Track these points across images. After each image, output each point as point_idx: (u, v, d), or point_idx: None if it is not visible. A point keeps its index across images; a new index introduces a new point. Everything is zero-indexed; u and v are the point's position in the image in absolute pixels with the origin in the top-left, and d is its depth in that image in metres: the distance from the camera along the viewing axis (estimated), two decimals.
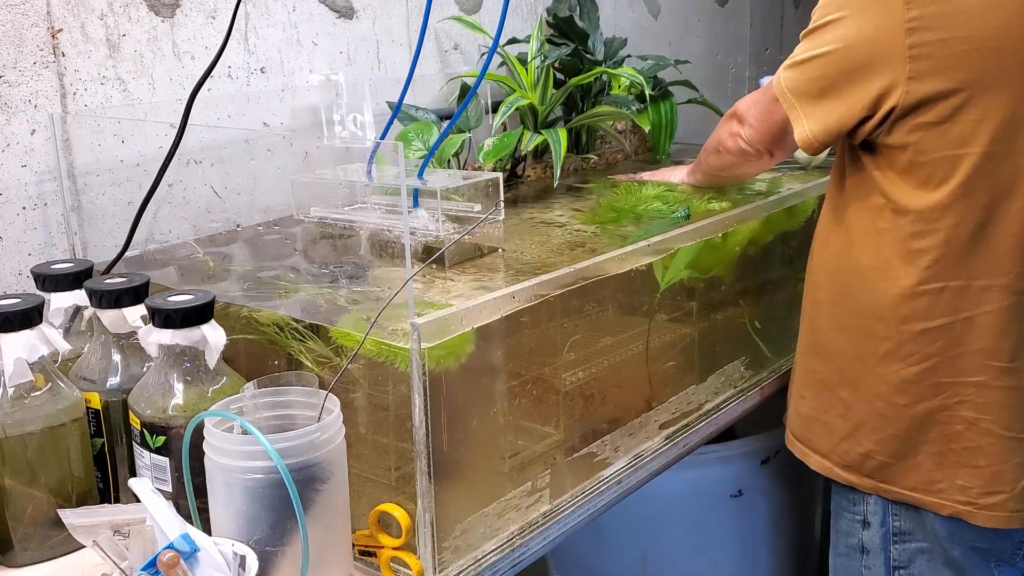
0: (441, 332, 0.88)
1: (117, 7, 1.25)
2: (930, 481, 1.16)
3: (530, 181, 1.64)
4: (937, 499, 1.16)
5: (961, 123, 1.06)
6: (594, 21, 1.85)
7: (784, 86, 1.14)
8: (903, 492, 1.18)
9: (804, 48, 1.13)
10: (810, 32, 1.13)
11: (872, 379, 1.17)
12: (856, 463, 1.20)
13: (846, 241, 1.19)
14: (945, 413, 1.14)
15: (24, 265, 1.19)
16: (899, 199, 1.11)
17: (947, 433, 1.14)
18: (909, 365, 1.14)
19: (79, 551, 0.93)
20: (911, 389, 1.14)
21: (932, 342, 1.12)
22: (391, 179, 1.23)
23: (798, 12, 2.92)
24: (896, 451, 1.17)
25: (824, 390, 1.23)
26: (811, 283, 1.28)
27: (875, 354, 1.16)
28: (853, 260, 1.18)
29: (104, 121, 1.25)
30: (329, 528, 0.88)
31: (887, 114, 1.08)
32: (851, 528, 1.25)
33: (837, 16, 1.09)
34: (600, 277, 1.08)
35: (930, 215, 1.09)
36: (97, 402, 0.98)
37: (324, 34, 1.50)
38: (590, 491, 1.11)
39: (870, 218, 1.15)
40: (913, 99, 1.06)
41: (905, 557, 1.20)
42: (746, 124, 1.24)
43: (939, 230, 1.09)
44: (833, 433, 1.23)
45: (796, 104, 1.13)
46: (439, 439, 0.90)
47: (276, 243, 1.33)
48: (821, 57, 1.10)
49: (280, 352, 1.00)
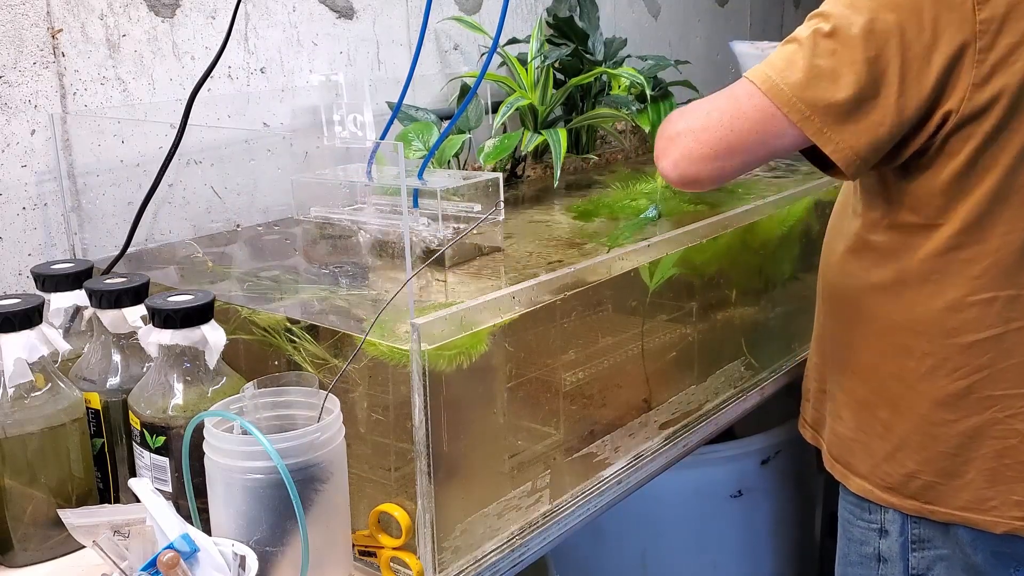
0: (441, 332, 0.88)
1: (117, 7, 1.25)
2: (982, 499, 1.11)
3: (530, 181, 1.64)
4: (990, 517, 1.11)
5: (1015, 130, 1.01)
6: (594, 21, 1.85)
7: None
8: (952, 513, 1.12)
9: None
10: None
11: (913, 397, 1.12)
12: (898, 485, 1.15)
13: (871, 260, 1.14)
14: (997, 427, 1.09)
15: (24, 265, 1.19)
16: (938, 211, 1.06)
17: (1000, 448, 1.09)
18: (956, 380, 1.09)
19: (79, 551, 0.93)
20: (959, 404, 1.09)
21: (982, 354, 1.08)
22: (391, 179, 1.23)
23: (798, 12, 2.92)
24: (943, 470, 1.12)
25: (861, 410, 1.18)
26: (830, 304, 1.23)
27: (915, 372, 1.11)
28: (882, 278, 1.12)
29: (104, 121, 1.25)
30: (329, 528, 0.88)
31: (940, 123, 1.02)
32: (866, 537, 1.21)
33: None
34: (595, 282, 1.08)
35: (979, 224, 1.05)
36: (97, 402, 0.98)
37: (324, 34, 1.50)
38: (590, 491, 1.10)
39: (899, 235, 1.10)
40: (973, 107, 1.00)
41: (924, 564, 1.16)
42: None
43: (990, 239, 1.05)
44: (873, 454, 1.17)
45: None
46: (439, 439, 0.90)
47: (276, 243, 1.33)
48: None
49: (280, 352, 1.00)
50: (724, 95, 1.06)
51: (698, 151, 1.04)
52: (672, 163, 1.05)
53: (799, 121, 1.01)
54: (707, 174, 1.05)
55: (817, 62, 1.00)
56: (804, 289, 1.46)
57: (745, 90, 1.04)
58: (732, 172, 1.06)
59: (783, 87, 1.01)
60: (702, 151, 1.04)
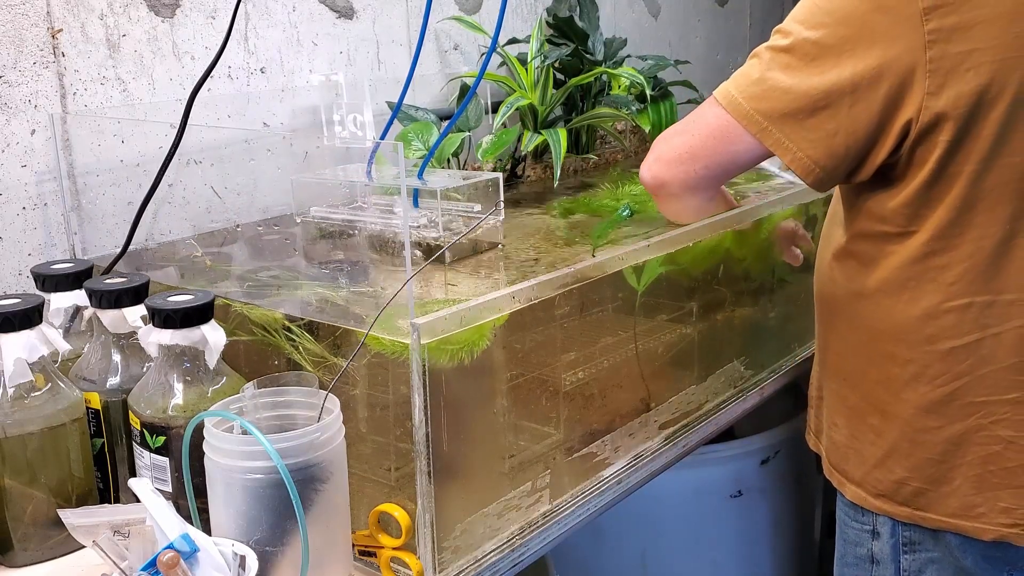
0: (441, 332, 0.88)
1: (117, 7, 1.25)
2: (970, 506, 1.11)
3: (530, 181, 1.64)
4: (979, 524, 1.11)
5: (981, 137, 1.02)
6: (594, 21, 1.85)
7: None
8: (942, 519, 1.13)
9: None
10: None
11: (898, 404, 1.13)
12: (890, 491, 1.16)
13: (853, 268, 1.15)
14: (981, 434, 1.09)
15: (24, 265, 1.19)
16: (909, 219, 1.07)
17: (985, 454, 1.09)
18: (937, 386, 1.09)
19: (79, 551, 0.93)
20: (942, 411, 1.10)
21: (960, 361, 1.08)
22: (391, 179, 1.23)
23: None
24: (931, 476, 1.12)
25: (854, 417, 1.19)
26: (821, 310, 1.25)
27: (899, 378, 1.12)
28: (863, 286, 1.13)
29: (104, 121, 1.25)
30: (329, 528, 0.88)
31: (903, 134, 1.04)
32: (860, 538, 1.21)
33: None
34: (591, 279, 1.08)
35: (950, 231, 1.06)
36: (97, 402, 0.98)
37: (324, 34, 1.50)
38: (590, 491, 1.11)
39: (875, 243, 1.11)
40: (931, 116, 1.02)
41: (916, 567, 1.17)
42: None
43: (961, 245, 1.06)
44: (865, 461, 1.18)
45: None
46: (439, 439, 0.90)
47: (276, 243, 1.33)
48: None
49: (280, 351, 1.00)
50: (696, 111, 1.14)
51: (666, 154, 1.12)
52: (646, 166, 1.14)
53: (757, 133, 1.06)
54: (672, 175, 1.12)
55: (772, 75, 1.06)
56: (801, 289, 1.46)
57: (710, 104, 1.11)
58: (697, 178, 1.11)
59: (740, 100, 1.07)
60: (669, 155, 1.12)
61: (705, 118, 1.10)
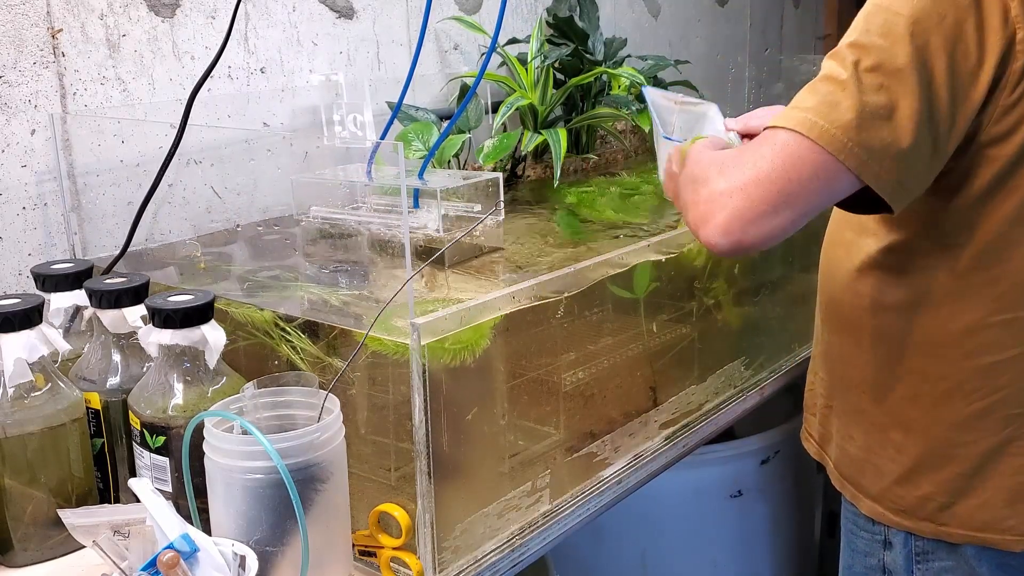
0: (441, 332, 0.88)
1: (117, 7, 1.25)
2: (1000, 518, 1.08)
3: (530, 181, 1.64)
4: (1009, 536, 1.08)
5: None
6: (594, 21, 1.85)
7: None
8: (968, 534, 1.10)
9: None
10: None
11: (928, 420, 1.09)
12: (912, 508, 1.12)
13: (885, 280, 1.10)
14: (1015, 444, 1.07)
15: (24, 265, 1.19)
16: (958, 231, 1.03)
17: (1018, 465, 1.07)
18: (973, 401, 1.06)
19: (79, 551, 0.93)
20: (977, 425, 1.07)
21: (1000, 375, 1.05)
22: (391, 179, 1.23)
23: (798, 12, 2.92)
24: (959, 490, 1.09)
25: (873, 431, 1.15)
26: (836, 321, 1.19)
27: (929, 395, 1.08)
28: (895, 298, 1.09)
29: (104, 121, 1.25)
30: (329, 528, 0.88)
31: (966, 146, 0.97)
32: (871, 548, 1.18)
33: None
34: (590, 282, 1.09)
35: (999, 246, 1.02)
36: (97, 402, 0.98)
37: (324, 34, 1.50)
38: (590, 491, 1.11)
39: (914, 255, 1.07)
40: (1001, 130, 0.97)
41: None
42: None
43: (1010, 260, 1.02)
44: (884, 476, 1.14)
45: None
46: (439, 439, 0.90)
47: (276, 243, 1.33)
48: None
49: (279, 352, 1.00)
50: (763, 145, 0.94)
51: (753, 209, 0.91)
52: (721, 229, 0.92)
53: (856, 167, 0.91)
54: (766, 233, 0.92)
55: (867, 99, 0.91)
56: (799, 290, 1.46)
57: (790, 137, 0.92)
58: (789, 227, 0.94)
59: (834, 131, 0.91)
60: (758, 208, 0.91)
61: (795, 154, 0.92)
